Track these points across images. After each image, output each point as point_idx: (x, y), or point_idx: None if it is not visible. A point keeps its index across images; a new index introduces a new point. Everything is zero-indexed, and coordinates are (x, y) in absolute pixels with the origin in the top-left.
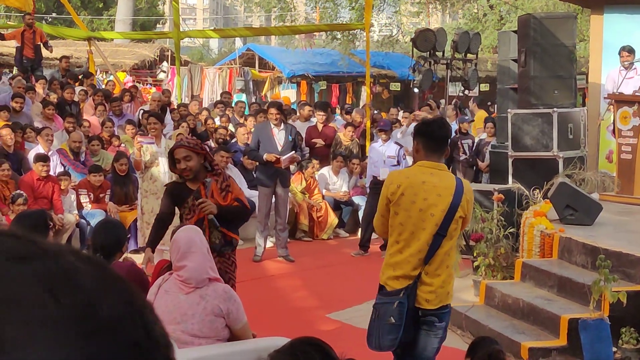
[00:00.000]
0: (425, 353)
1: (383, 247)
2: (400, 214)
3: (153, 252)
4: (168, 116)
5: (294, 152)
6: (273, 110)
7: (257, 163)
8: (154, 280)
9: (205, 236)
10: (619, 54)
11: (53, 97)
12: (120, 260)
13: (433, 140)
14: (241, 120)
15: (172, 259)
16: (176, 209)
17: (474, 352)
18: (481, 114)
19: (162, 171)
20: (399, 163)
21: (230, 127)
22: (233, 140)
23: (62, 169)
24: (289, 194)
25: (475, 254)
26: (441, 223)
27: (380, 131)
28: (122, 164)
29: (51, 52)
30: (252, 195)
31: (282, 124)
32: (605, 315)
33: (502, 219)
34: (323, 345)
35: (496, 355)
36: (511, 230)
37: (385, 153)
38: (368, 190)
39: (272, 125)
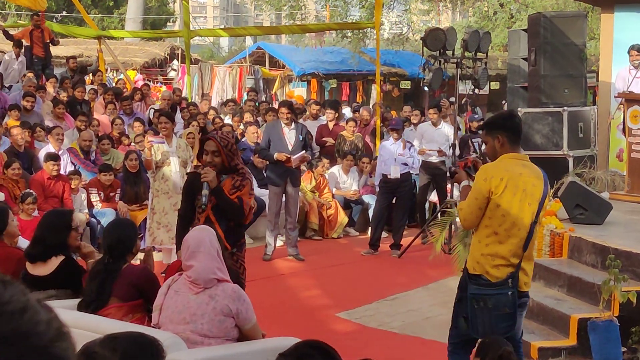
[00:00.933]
0: (519, 333)
1: (393, 246)
2: (502, 205)
3: None
4: (178, 115)
5: (304, 151)
6: (284, 110)
7: (268, 162)
8: (168, 274)
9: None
10: (628, 52)
11: (63, 96)
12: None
13: (517, 133)
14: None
15: (182, 258)
16: None
17: (485, 352)
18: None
19: (173, 171)
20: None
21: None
22: (243, 139)
23: (72, 168)
24: (299, 193)
25: None
26: (536, 212)
27: (392, 130)
28: (131, 159)
29: (58, 44)
30: (262, 194)
31: (293, 123)
32: (615, 315)
33: None
34: (328, 349)
35: (507, 357)
36: None
37: (397, 151)
38: (377, 189)
39: (283, 125)
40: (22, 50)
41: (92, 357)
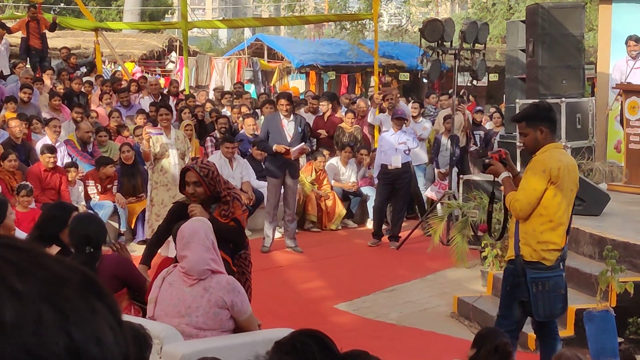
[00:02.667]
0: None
1: (392, 237)
2: (559, 194)
3: (149, 268)
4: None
5: (303, 143)
6: (283, 101)
7: (267, 154)
8: (155, 277)
9: None
10: (626, 43)
11: (60, 88)
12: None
13: (555, 123)
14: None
15: (177, 249)
16: None
17: (481, 343)
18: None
19: (172, 163)
20: (410, 150)
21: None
22: (241, 131)
23: (69, 160)
24: (298, 184)
25: (483, 245)
26: (575, 197)
27: (397, 119)
28: (124, 151)
29: (57, 27)
30: (261, 186)
31: (292, 115)
32: (612, 305)
33: None
34: (323, 338)
35: (503, 348)
36: None
37: (397, 141)
38: (377, 181)
39: (282, 116)
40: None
41: None
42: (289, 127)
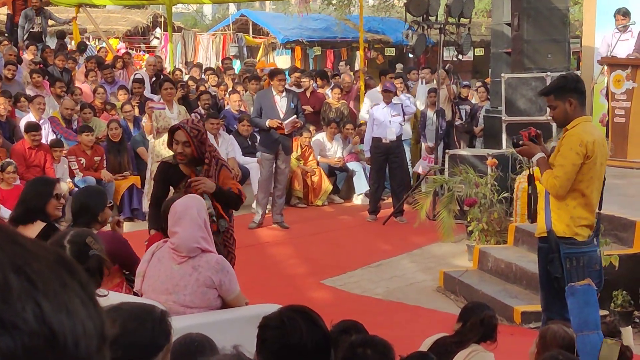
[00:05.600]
0: None
1: (397, 212)
2: (592, 168)
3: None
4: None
5: (295, 116)
6: (279, 78)
7: (252, 130)
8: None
9: None
10: (614, 16)
11: (35, 59)
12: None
13: (584, 94)
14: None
15: (168, 224)
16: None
17: (466, 317)
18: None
19: None
20: (404, 119)
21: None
22: (227, 107)
23: (54, 137)
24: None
25: (468, 219)
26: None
27: (386, 92)
28: (112, 128)
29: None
30: (247, 162)
31: (284, 91)
32: None
33: (496, 183)
34: (311, 314)
35: (488, 321)
36: (505, 195)
37: (390, 113)
38: (369, 154)
39: (274, 93)
40: None
41: None
42: (281, 103)
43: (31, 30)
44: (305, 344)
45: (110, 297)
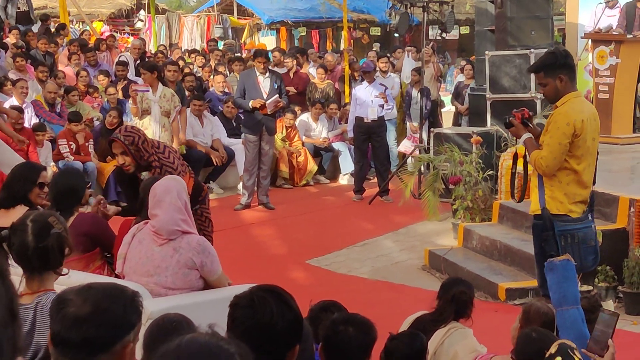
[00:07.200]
0: None
1: (383, 192)
2: (582, 145)
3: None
4: None
5: (277, 95)
6: (261, 59)
7: (237, 112)
8: (120, 235)
9: None
10: None
11: (18, 43)
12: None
13: (574, 69)
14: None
15: (148, 206)
16: None
17: (440, 294)
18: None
19: (153, 120)
20: (386, 102)
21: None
22: (211, 89)
23: (37, 121)
24: None
25: (453, 198)
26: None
27: (364, 73)
28: (110, 115)
29: None
30: (232, 143)
31: (268, 72)
32: None
33: (481, 161)
34: (283, 294)
35: (459, 297)
36: (490, 172)
37: (372, 93)
38: (351, 134)
39: (258, 73)
40: None
41: (65, 304)
42: (264, 84)
43: (17, 10)
44: (276, 323)
45: (89, 279)
